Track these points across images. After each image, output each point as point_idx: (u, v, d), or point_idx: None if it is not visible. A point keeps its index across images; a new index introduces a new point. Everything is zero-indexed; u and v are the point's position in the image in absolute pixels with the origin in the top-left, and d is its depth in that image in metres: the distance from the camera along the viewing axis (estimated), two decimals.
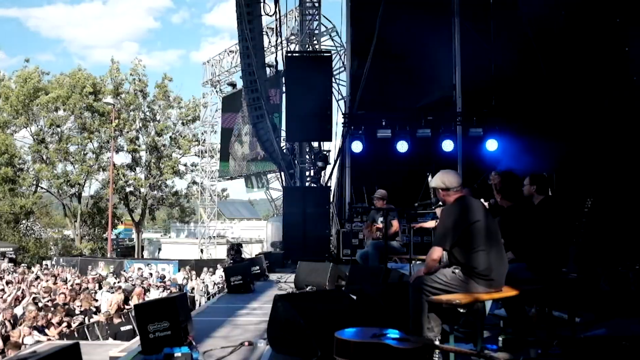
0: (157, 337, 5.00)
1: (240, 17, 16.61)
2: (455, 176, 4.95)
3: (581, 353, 4.63)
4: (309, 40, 19.87)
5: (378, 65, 15.55)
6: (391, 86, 16.08)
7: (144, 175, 43.07)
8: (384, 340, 3.82)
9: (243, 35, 16.65)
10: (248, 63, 16.74)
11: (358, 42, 16.62)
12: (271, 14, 16.82)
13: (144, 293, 16.69)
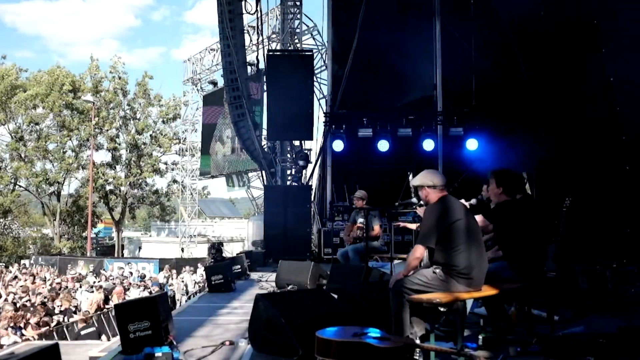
0: (138, 336, 4.97)
1: (222, 15, 16.55)
2: (441, 175, 5.04)
3: (559, 350, 4.68)
4: (290, 39, 19.87)
5: (359, 64, 15.59)
6: (372, 85, 16.13)
7: (124, 173, 42.80)
8: (365, 339, 3.84)
9: (224, 33, 16.60)
10: (229, 61, 16.69)
11: (339, 41, 16.66)
12: (252, 12, 16.79)
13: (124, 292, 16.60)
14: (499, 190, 5.65)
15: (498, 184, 5.66)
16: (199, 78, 36.96)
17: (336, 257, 10.30)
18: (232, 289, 9.56)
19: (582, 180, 11.62)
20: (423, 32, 16.60)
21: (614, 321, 5.90)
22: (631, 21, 9.57)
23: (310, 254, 14.05)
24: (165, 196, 46.80)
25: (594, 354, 4.59)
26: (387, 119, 15.33)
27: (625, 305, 6.71)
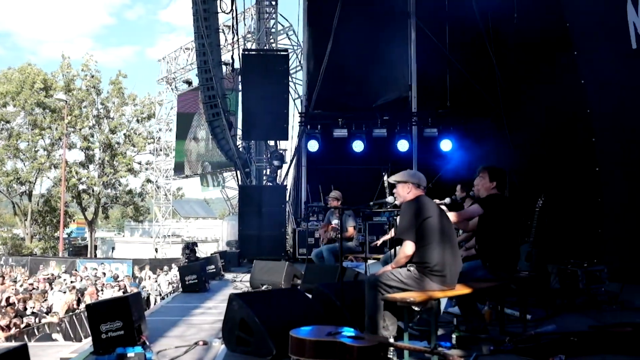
0: (110, 337, 4.93)
1: (196, 13, 16.44)
2: (423, 176, 5.14)
3: (531, 349, 4.73)
4: (266, 39, 19.83)
5: (335, 64, 15.63)
6: (348, 86, 16.18)
7: (97, 173, 42.34)
8: (339, 338, 3.86)
9: (199, 32, 16.48)
10: (204, 60, 16.57)
11: (315, 42, 16.69)
12: (227, 11, 16.68)
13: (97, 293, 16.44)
14: (492, 185, 5.77)
15: (492, 179, 5.78)
16: (174, 77, 36.73)
17: (311, 257, 10.30)
18: (206, 289, 9.52)
19: (554, 181, 11.76)
20: (398, 33, 16.69)
21: (585, 320, 5.97)
22: (602, 24, 9.70)
23: (285, 254, 14.04)
24: (139, 196, 46.41)
25: (566, 352, 4.65)
26: (362, 120, 15.40)
27: (596, 304, 6.81)
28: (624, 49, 8.76)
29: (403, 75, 16.66)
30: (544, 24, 12.56)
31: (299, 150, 16.43)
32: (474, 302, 5.60)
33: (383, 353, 3.87)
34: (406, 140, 15.27)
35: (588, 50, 10.35)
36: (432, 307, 4.56)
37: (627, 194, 9.64)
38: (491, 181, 5.78)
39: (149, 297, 19.02)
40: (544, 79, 12.38)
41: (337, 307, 5.31)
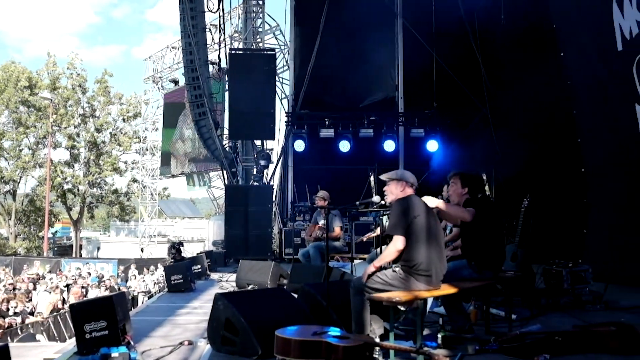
0: (94, 337, 4.89)
1: (183, 12, 16.40)
2: (414, 177, 5.18)
3: (516, 348, 4.75)
4: (253, 38, 19.79)
5: (322, 64, 15.65)
6: (334, 86, 16.21)
7: (82, 172, 42.03)
8: (324, 338, 3.85)
9: (185, 31, 16.43)
10: (190, 60, 16.53)
11: (302, 41, 16.67)
12: (214, 10, 16.64)
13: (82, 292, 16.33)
14: (464, 191, 5.73)
15: (463, 185, 5.74)
16: (160, 76, 36.57)
17: (297, 257, 10.29)
18: (191, 289, 9.50)
19: (540, 181, 11.82)
20: (385, 34, 16.72)
21: (570, 319, 6.01)
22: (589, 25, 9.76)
23: (271, 254, 14.03)
24: (124, 196, 46.15)
25: (550, 351, 4.68)
26: (349, 120, 15.41)
27: (580, 304, 6.85)
28: (610, 51, 8.81)
29: (390, 75, 16.71)
30: (530, 25, 12.63)
31: (285, 150, 16.42)
32: (459, 302, 5.62)
33: (369, 353, 3.87)
34: (392, 140, 15.30)
35: (574, 52, 10.41)
36: (418, 306, 4.57)
37: (611, 194, 9.70)
38: (463, 187, 5.75)
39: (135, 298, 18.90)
40: (531, 80, 12.43)
41: (323, 307, 5.30)
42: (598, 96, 9.70)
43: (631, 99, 8.29)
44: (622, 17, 8.51)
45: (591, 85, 9.94)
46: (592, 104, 10.02)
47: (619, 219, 9.34)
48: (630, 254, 8.77)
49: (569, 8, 10.45)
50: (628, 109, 8.40)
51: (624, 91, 8.52)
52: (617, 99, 8.90)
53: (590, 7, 9.60)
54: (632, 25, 8.29)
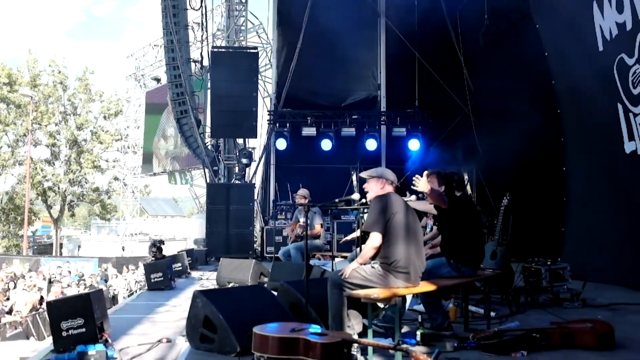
0: (71, 334, 4.86)
1: (165, 9, 16.32)
2: (394, 175, 5.17)
3: (494, 345, 4.78)
4: (236, 37, 19.73)
5: (304, 63, 15.66)
6: (317, 84, 16.22)
7: (63, 170, 41.64)
8: (302, 334, 3.84)
9: (168, 28, 16.37)
10: (172, 57, 16.46)
11: (285, 40, 16.67)
12: (197, 8, 16.56)
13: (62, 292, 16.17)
14: (440, 189, 5.75)
15: (440, 183, 5.78)
16: (142, 74, 36.34)
17: (278, 255, 10.28)
18: (172, 287, 9.45)
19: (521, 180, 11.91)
20: (368, 33, 16.77)
21: (548, 316, 6.05)
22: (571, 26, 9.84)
23: (252, 253, 14.01)
24: (106, 194, 45.79)
25: (527, 348, 4.72)
26: (331, 119, 15.43)
27: (558, 302, 6.91)
28: (592, 51, 8.89)
29: (372, 74, 16.76)
30: (513, 25, 12.72)
31: (267, 149, 16.40)
32: (438, 300, 5.64)
33: (347, 349, 3.87)
34: (374, 139, 15.36)
35: (558, 52, 10.49)
36: (396, 303, 4.58)
37: (589, 193, 9.80)
38: (440, 185, 5.80)
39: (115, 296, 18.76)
40: (514, 80, 12.53)
41: (302, 304, 5.30)
42: (581, 96, 9.79)
43: (613, 98, 8.37)
44: (602, 18, 8.61)
45: (574, 85, 10.02)
46: (576, 104, 10.11)
47: (597, 217, 9.43)
48: (608, 253, 8.87)
49: (551, 9, 10.54)
50: (611, 108, 8.48)
51: (606, 91, 8.60)
52: (600, 99, 8.98)
53: (572, 8, 9.68)
54: (612, 27, 8.37)
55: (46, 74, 40.51)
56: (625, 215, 8.62)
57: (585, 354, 4.66)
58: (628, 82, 8.02)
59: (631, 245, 8.43)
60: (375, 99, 16.65)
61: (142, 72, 36.29)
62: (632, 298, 7.25)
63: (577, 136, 10.23)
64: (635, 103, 7.91)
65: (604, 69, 8.60)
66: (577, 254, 9.49)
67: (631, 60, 7.94)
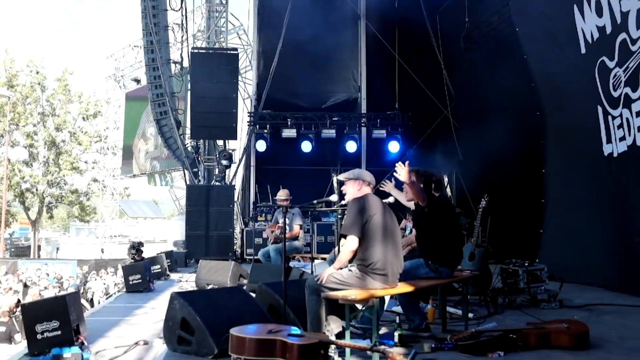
0: (46, 337, 4.81)
1: (145, 10, 16.25)
2: (372, 176, 5.20)
3: (471, 346, 4.81)
4: (216, 38, 19.66)
5: (284, 64, 15.67)
6: (297, 86, 16.24)
7: (41, 171, 41.20)
8: (279, 336, 3.84)
9: (147, 29, 16.29)
10: (152, 58, 16.37)
11: (265, 42, 16.69)
12: (177, 9, 16.52)
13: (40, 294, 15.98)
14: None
15: (418, 182, 5.80)
16: (122, 75, 36.08)
17: (258, 257, 10.26)
18: (150, 289, 9.39)
19: (499, 182, 12.00)
20: (349, 35, 16.83)
21: (525, 317, 6.10)
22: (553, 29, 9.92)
23: (232, 254, 13.97)
24: (84, 195, 45.35)
25: (504, 348, 4.75)
26: (311, 120, 15.44)
27: (536, 302, 6.97)
28: (574, 53, 8.97)
29: (353, 76, 16.80)
30: (493, 28, 12.81)
31: (247, 150, 16.37)
32: (416, 301, 5.66)
33: (324, 351, 3.87)
34: (354, 141, 15.40)
35: (538, 54, 10.57)
36: (374, 305, 4.59)
37: (567, 195, 9.88)
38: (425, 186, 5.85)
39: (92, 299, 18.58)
40: (494, 83, 12.62)
41: (280, 305, 5.29)
42: (561, 98, 9.87)
43: (594, 101, 8.46)
44: (583, 22, 8.69)
45: (554, 87, 10.10)
46: (556, 106, 10.19)
47: (575, 219, 9.52)
48: (585, 254, 8.96)
49: (531, 12, 10.62)
50: (591, 110, 8.57)
51: (587, 93, 8.68)
52: (580, 101, 9.06)
53: (553, 12, 9.75)
54: (593, 30, 8.46)
55: (24, 74, 40.08)
56: (603, 217, 8.71)
57: (560, 354, 4.71)
58: (609, 84, 8.11)
59: (608, 246, 8.52)
60: (356, 100, 16.69)
61: (121, 73, 36.02)
62: (608, 299, 7.35)
63: (557, 138, 10.31)
64: (615, 106, 8.00)
65: (585, 71, 8.68)
66: (554, 255, 9.57)
67: (612, 63, 8.03)
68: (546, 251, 9.98)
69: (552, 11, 9.81)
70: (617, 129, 7.99)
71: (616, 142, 8.04)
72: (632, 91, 7.54)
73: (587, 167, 9.08)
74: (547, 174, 10.63)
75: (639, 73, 7.37)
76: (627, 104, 7.66)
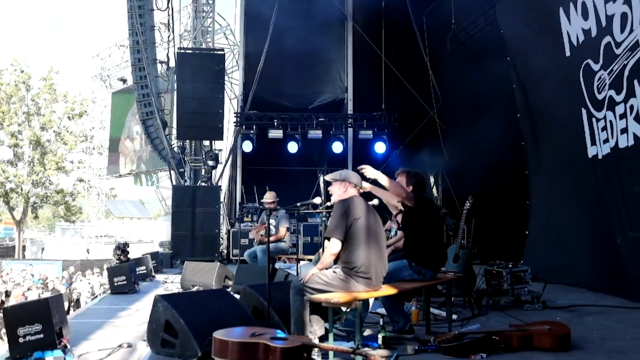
0: (28, 340, 4.77)
1: (131, 10, 16.18)
2: (360, 177, 5.22)
3: (454, 348, 4.83)
4: (203, 38, 19.62)
5: (271, 65, 15.69)
6: (284, 87, 16.24)
7: (26, 171, 40.89)
8: (262, 339, 3.84)
9: (133, 29, 16.22)
10: (138, 58, 16.31)
11: (252, 42, 16.66)
12: (163, 9, 16.46)
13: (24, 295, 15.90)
14: (409, 188, 5.82)
15: (409, 182, 5.86)
16: (108, 74, 35.90)
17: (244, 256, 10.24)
18: (135, 291, 9.34)
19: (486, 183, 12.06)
20: (336, 35, 16.85)
21: (508, 319, 6.13)
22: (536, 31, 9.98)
23: (218, 255, 13.94)
24: (70, 195, 45.07)
25: (487, 350, 4.78)
26: (298, 121, 15.43)
27: (520, 304, 7.01)
28: (559, 56, 9.02)
29: (340, 77, 16.82)
30: (479, 30, 12.87)
31: (234, 151, 16.35)
32: (399, 303, 5.68)
33: (306, 354, 3.88)
34: (340, 142, 15.40)
35: (522, 56, 10.62)
36: (357, 307, 4.60)
37: (550, 196, 9.95)
38: (408, 184, 5.87)
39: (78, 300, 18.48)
40: (480, 84, 12.68)
41: (264, 307, 5.29)
42: (545, 100, 9.92)
43: (578, 103, 8.52)
44: (569, 24, 8.74)
45: (538, 89, 10.15)
46: (538, 108, 10.24)
47: (558, 220, 9.58)
48: (568, 255, 9.02)
49: (517, 14, 10.67)
50: (575, 113, 8.62)
51: (571, 95, 8.73)
52: (564, 103, 9.12)
53: (539, 14, 9.81)
54: (579, 33, 8.51)
55: (8, 73, 39.77)
56: (587, 218, 8.78)
57: (542, 356, 4.74)
58: (593, 87, 8.16)
59: (591, 248, 8.60)
60: (342, 101, 16.71)
61: (107, 73, 35.87)
62: (591, 299, 7.41)
63: (540, 140, 10.36)
64: (599, 108, 8.06)
65: (570, 74, 8.73)
66: (539, 256, 9.63)
67: (596, 66, 8.09)
68: (531, 252, 10.04)
69: (538, 13, 9.87)
70: (602, 132, 8.05)
71: (600, 144, 8.11)
72: (616, 94, 7.60)
73: (571, 169, 9.14)
74: (530, 175, 10.68)
75: (623, 76, 7.42)
76: (611, 106, 7.72)
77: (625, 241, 7.55)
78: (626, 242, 7.53)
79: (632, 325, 5.84)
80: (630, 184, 7.46)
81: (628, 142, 7.39)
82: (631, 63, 7.23)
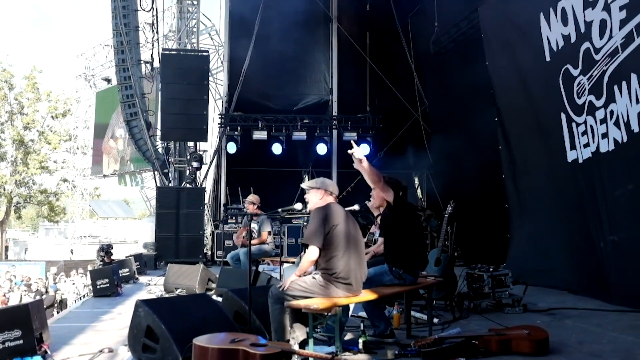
0: (7, 347, 4.76)
1: (115, 11, 16.11)
2: (335, 185, 5.26)
3: (434, 352, 4.87)
4: (187, 39, 19.57)
5: (256, 66, 15.70)
6: (269, 88, 16.26)
7: (9, 171, 40.55)
8: (241, 345, 3.86)
9: (118, 29, 16.15)
10: (122, 59, 16.25)
11: (237, 43, 16.64)
12: (148, 9, 16.40)
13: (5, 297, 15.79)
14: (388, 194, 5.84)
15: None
16: (92, 74, 35.68)
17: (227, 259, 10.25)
18: (118, 294, 9.33)
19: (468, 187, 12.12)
20: (321, 37, 16.89)
21: (488, 323, 6.17)
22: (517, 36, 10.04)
23: (202, 257, 13.94)
24: (54, 195, 44.73)
25: (466, 354, 4.82)
26: (282, 122, 15.45)
27: (501, 307, 7.06)
28: (539, 61, 9.08)
29: (324, 79, 16.86)
30: (462, 33, 12.94)
31: (218, 152, 16.34)
32: (380, 307, 5.71)
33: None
34: (324, 143, 15.43)
35: (501, 61, 10.67)
36: (337, 313, 4.63)
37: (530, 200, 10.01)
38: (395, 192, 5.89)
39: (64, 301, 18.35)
40: (461, 88, 12.75)
41: (246, 312, 5.30)
42: (524, 104, 9.96)
43: (557, 108, 8.58)
44: (549, 30, 8.80)
45: (516, 93, 10.19)
46: (517, 112, 10.28)
47: (539, 223, 9.64)
48: (549, 258, 9.09)
49: (498, 18, 10.73)
50: (554, 117, 8.69)
51: (551, 100, 8.79)
52: (544, 108, 9.17)
53: (520, 19, 9.87)
54: (558, 38, 8.57)
55: None
56: (566, 221, 8.85)
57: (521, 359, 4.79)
58: (573, 92, 8.22)
59: (571, 251, 8.67)
60: (327, 103, 16.75)
61: (92, 72, 35.64)
62: (571, 302, 7.48)
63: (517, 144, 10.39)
64: (579, 113, 8.13)
65: (549, 79, 8.80)
66: (521, 259, 9.68)
67: (576, 71, 8.16)
68: (513, 256, 10.10)
69: (519, 18, 9.92)
70: (582, 136, 8.12)
71: (581, 148, 8.18)
72: (596, 99, 7.68)
73: (551, 173, 9.19)
74: (506, 179, 10.70)
75: (603, 82, 7.50)
76: (592, 111, 7.79)
77: (605, 244, 7.63)
78: (606, 245, 7.60)
79: (610, 328, 5.90)
80: (611, 187, 7.53)
81: (609, 146, 7.47)
82: (611, 69, 7.31)
